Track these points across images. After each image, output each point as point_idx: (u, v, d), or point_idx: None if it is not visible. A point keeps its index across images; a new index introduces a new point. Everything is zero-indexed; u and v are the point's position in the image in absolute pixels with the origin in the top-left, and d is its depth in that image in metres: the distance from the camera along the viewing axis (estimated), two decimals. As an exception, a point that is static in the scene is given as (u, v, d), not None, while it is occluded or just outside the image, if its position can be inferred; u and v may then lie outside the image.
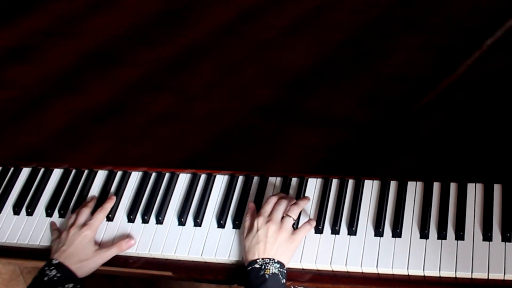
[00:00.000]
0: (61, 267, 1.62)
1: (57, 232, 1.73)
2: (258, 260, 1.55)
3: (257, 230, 1.59)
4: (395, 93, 1.75)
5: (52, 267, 1.62)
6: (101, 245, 1.70)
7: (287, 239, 1.58)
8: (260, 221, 1.60)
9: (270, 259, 1.54)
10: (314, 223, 1.62)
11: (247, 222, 1.64)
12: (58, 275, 1.61)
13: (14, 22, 2.16)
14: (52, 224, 1.77)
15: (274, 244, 1.56)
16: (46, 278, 1.60)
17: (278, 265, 1.54)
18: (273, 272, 1.53)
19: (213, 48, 1.95)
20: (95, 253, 1.67)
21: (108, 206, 1.75)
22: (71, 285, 1.61)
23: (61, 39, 2.08)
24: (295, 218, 1.62)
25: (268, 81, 1.85)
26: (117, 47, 2.02)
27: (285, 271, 1.55)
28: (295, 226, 1.63)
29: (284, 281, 1.54)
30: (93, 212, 1.74)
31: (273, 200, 1.64)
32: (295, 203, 1.64)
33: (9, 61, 2.08)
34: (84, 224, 1.69)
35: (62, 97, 1.95)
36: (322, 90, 1.80)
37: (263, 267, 1.53)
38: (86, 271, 1.65)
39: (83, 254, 1.66)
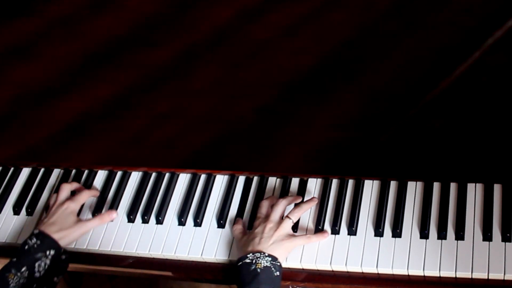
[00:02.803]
0: (41, 235, 1.64)
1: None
2: (248, 255, 1.54)
3: (255, 229, 1.60)
4: (395, 93, 1.75)
5: (33, 236, 1.63)
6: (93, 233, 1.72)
7: (283, 238, 1.57)
8: (257, 222, 1.61)
9: (261, 252, 1.54)
10: (315, 238, 1.60)
11: (237, 230, 1.64)
12: (38, 242, 1.62)
13: (14, 22, 2.16)
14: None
15: (270, 239, 1.56)
16: (26, 247, 1.61)
17: (270, 258, 1.53)
18: (265, 265, 1.52)
19: (213, 49, 1.95)
20: (76, 223, 1.69)
21: (96, 192, 1.78)
22: (52, 251, 1.62)
23: (62, 39, 2.08)
24: (295, 221, 1.62)
25: (268, 81, 1.85)
26: (117, 47, 2.02)
27: (279, 264, 1.54)
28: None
29: (277, 273, 1.53)
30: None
31: (265, 203, 1.65)
32: (298, 206, 1.63)
33: (9, 61, 2.08)
34: (67, 199, 1.73)
35: (62, 97, 1.95)
36: (322, 90, 1.80)
37: (253, 261, 1.53)
38: (67, 240, 1.67)
39: (64, 223, 1.68)
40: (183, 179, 1.79)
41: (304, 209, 1.63)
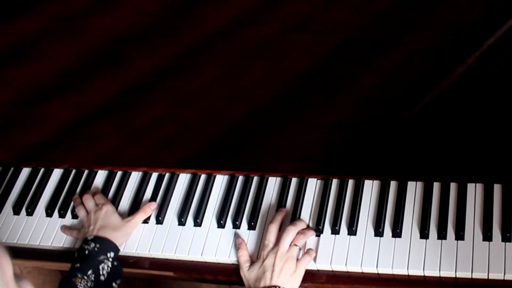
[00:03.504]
0: (98, 238, 1.63)
1: (76, 229, 1.74)
2: None
3: (263, 261, 1.57)
4: (395, 93, 1.75)
5: (89, 241, 1.63)
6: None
7: (292, 268, 1.56)
8: (266, 252, 1.59)
9: (276, 287, 1.53)
10: (313, 254, 1.60)
11: (243, 257, 1.61)
12: (98, 245, 1.62)
13: (15, 21, 2.16)
14: (64, 228, 1.76)
15: (281, 273, 1.55)
16: (87, 252, 1.61)
17: None
18: None
19: (213, 48, 1.95)
20: (124, 221, 1.69)
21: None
22: (112, 253, 1.63)
23: (62, 39, 2.08)
24: (301, 247, 1.60)
25: (268, 81, 1.85)
26: (117, 47, 2.02)
27: None
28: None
29: None
30: None
31: (274, 228, 1.62)
32: (302, 232, 1.62)
33: (9, 60, 2.08)
34: (98, 205, 1.72)
35: (62, 97, 1.95)
36: (322, 90, 1.80)
37: None
38: (123, 239, 1.67)
39: (113, 224, 1.68)
40: (183, 179, 1.79)
41: (308, 236, 1.62)
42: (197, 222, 1.70)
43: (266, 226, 1.66)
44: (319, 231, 1.63)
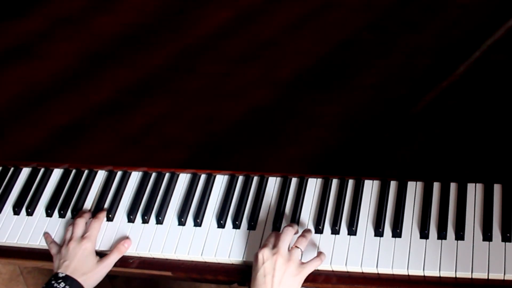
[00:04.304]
0: (69, 279, 1.62)
1: (55, 246, 1.72)
2: None
3: (263, 263, 1.55)
4: (395, 93, 1.75)
5: (60, 280, 1.62)
6: (101, 253, 1.70)
7: (295, 271, 1.54)
8: (265, 253, 1.56)
9: None
10: (324, 257, 1.58)
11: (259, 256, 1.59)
12: (67, 287, 1.61)
13: (15, 22, 2.16)
14: (47, 236, 1.75)
15: (283, 277, 1.53)
16: None
17: None
18: None
19: (213, 48, 1.95)
20: (97, 264, 1.67)
21: (102, 215, 1.75)
22: None
23: (62, 39, 2.08)
24: (303, 249, 1.59)
25: (268, 80, 1.85)
26: (117, 47, 2.02)
27: None
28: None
29: None
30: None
31: (277, 233, 1.61)
32: (302, 235, 1.61)
33: (10, 60, 2.08)
34: (83, 237, 1.69)
35: (62, 97, 1.95)
36: (322, 90, 1.80)
37: None
38: (92, 283, 1.66)
39: (86, 267, 1.65)
40: (183, 179, 1.79)
41: (308, 237, 1.61)
42: (197, 222, 1.70)
43: (266, 226, 1.66)
44: (319, 231, 1.63)
